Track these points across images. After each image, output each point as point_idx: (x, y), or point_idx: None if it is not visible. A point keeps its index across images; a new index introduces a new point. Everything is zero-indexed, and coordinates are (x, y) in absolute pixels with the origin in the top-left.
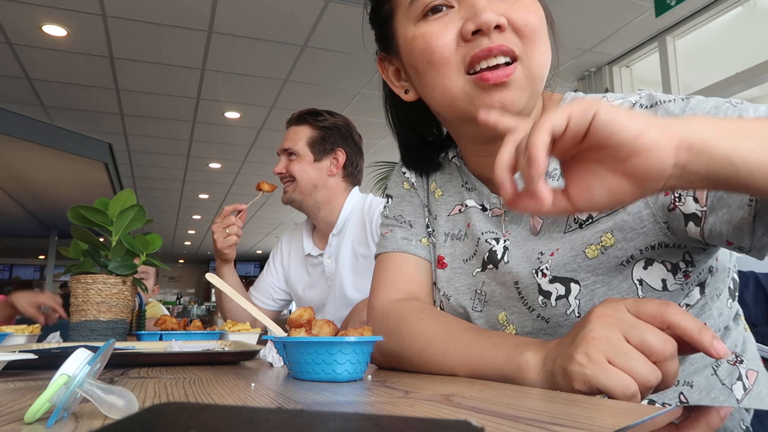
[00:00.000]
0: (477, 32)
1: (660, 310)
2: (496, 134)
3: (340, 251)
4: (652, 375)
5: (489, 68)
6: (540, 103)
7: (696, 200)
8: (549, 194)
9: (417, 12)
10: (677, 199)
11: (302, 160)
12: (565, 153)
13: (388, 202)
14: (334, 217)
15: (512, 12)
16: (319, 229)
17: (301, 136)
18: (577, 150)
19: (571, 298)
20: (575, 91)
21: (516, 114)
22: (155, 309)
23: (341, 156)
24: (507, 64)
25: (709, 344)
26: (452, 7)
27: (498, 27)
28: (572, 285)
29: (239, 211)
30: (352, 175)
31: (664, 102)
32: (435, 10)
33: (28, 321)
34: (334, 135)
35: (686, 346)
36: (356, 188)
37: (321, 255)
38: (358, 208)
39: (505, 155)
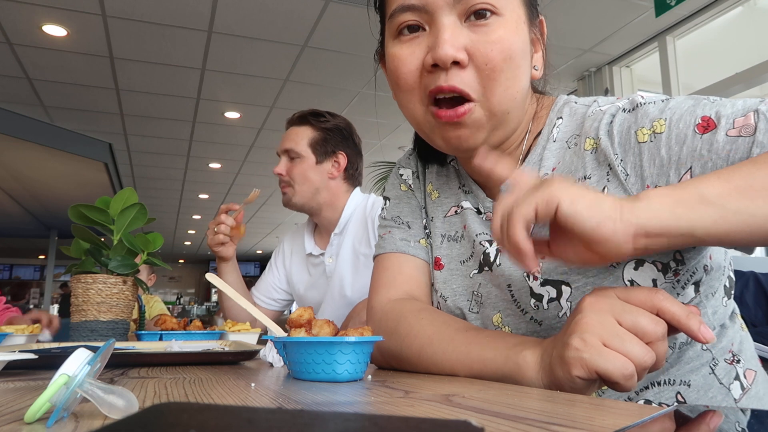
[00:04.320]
0: (437, 65)
1: (649, 296)
2: (470, 155)
3: (341, 250)
4: (647, 355)
5: (446, 101)
6: (532, 108)
7: None
8: (537, 265)
9: (394, 27)
10: None
11: (304, 162)
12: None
13: (386, 204)
14: (336, 217)
15: (477, 46)
16: (321, 229)
17: (303, 137)
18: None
19: (562, 300)
20: (574, 91)
21: (476, 147)
22: (156, 306)
23: (342, 159)
24: (463, 99)
25: (696, 329)
26: (424, 29)
27: (458, 63)
28: (563, 287)
29: (235, 211)
30: (353, 177)
31: (644, 104)
32: (410, 28)
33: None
34: (335, 137)
35: (671, 328)
36: (358, 189)
37: (322, 254)
38: (360, 207)
39: (496, 228)
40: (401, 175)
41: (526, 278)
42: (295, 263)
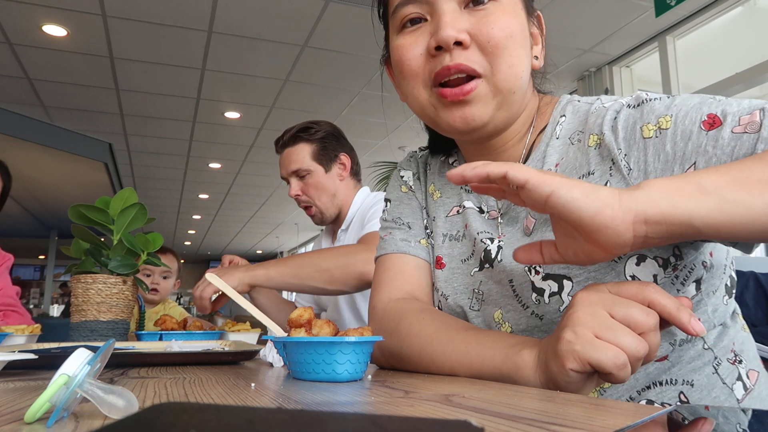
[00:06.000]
0: (440, 48)
1: (640, 289)
2: (475, 137)
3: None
4: (640, 346)
5: (450, 83)
6: (534, 104)
7: None
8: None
9: (397, 23)
10: None
11: (314, 175)
12: (533, 208)
13: (386, 206)
14: (345, 215)
15: (478, 27)
16: (335, 228)
17: (303, 154)
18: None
19: (564, 294)
20: (574, 91)
21: (482, 126)
22: (173, 309)
23: (346, 159)
24: (470, 78)
25: (686, 321)
26: (426, 20)
27: (460, 43)
28: (565, 282)
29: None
30: (357, 173)
31: (650, 100)
32: (412, 21)
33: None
34: (331, 142)
35: (663, 322)
36: (366, 188)
37: None
38: (365, 204)
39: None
40: (402, 177)
41: (528, 272)
42: None
